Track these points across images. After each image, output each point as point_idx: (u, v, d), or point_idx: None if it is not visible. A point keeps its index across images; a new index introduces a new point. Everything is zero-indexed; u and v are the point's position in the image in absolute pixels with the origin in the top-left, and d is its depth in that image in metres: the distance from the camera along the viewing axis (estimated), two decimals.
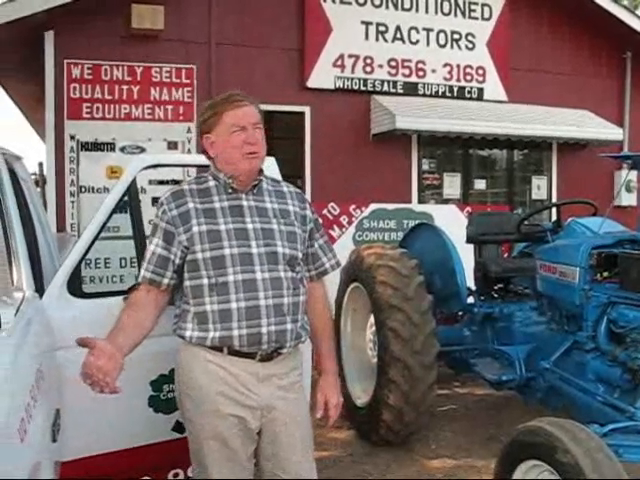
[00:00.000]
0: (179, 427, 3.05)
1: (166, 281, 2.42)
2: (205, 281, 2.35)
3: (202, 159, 2.63)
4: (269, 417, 2.42)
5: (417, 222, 6.24)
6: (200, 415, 2.40)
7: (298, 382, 2.57)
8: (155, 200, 7.36)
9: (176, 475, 3.12)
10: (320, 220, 2.74)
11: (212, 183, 2.48)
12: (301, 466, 2.50)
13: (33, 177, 8.90)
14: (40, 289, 2.73)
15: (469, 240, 5.52)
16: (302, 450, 2.51)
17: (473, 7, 9.07)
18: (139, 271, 3.04)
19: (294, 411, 2.49)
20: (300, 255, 2.50)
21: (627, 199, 9.03)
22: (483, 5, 9.10)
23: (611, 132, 9.18)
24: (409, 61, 8.72)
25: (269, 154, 3.44)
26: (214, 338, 2.34)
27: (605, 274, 3.91)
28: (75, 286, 2.83)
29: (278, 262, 2.40)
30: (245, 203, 2.45)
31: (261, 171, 2.52)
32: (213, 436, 2.38)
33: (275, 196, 2.53)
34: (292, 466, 2.47)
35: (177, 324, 2.47)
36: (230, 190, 2.44)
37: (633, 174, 7.95)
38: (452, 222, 6.56)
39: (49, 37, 7.19)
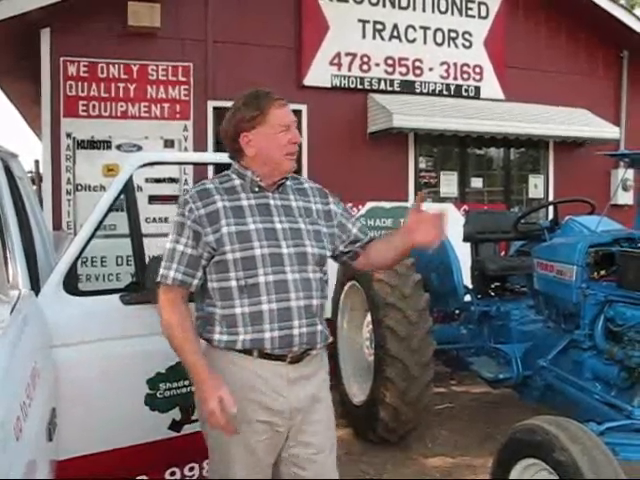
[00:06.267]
0: (175, 425, 3.05)
1: (195, 282, 2.35)
2: (234, 283, 2.29)
3: (198, 157, 2.64)
4: (298, 418, 2.37)
5: None
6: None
7: (326, 380, 2.53)
8: (152, 198, 7.40)
9: (173, 474, 3.11)
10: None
11: (237, 182, 2.41)
12: (324, 467, 2.46)
13: (29, 175, 8.88)
14: (36, 287, 2.73)
15: (466, 239, 5.52)
16: (326, 450, 2.47)
17: (470, 5, 9.05)
18: (137, 269, 3.02)
19: (322, 410, 2.46)
20: (328, 254, 2.46)
21: (624, 198, 9.02)
22: (480, 3, 9.08)
23: (608, 131, 9.17)
24: (406, 59, 8.70)
25: None
26: (245, 341, 2.28)
27: (602, 272, 3.92)
28: (71, 284, 2.83)
29: (307, 262, 2.36)
30: (272, 202, 2.40)
31: None
32: (238, 443, 2.31)
33: (299, 194, 2.49)
34: (315, 466, 2.43)
35: (203, 327, 2.39)
36: (257, 189, 2.39)
37: (630, 173, 7.95)
38: (449, 220, 6.55)
39: (45, 35, 7.15)
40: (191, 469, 3.15)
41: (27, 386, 1.89)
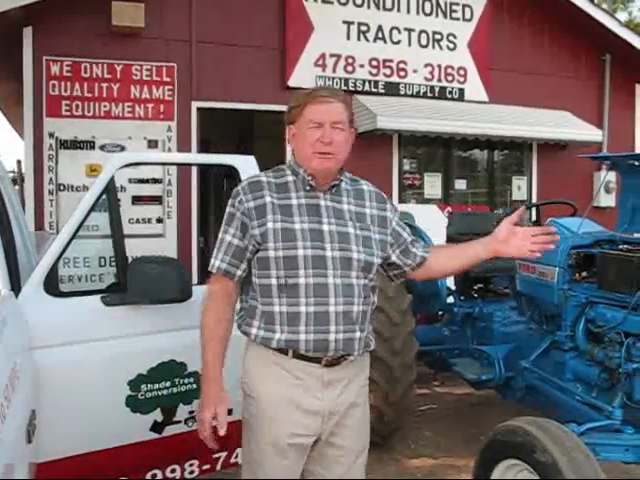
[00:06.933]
0: (157, 427, 3.03)
1: (239, 273, 2.32)
2: (274, 281, 2.25)
3: (181, 158, 2.60)
4: (332, 422, 2.33)
5: None
6: (260, 419, 2.31)
7: (365, 386, 2.49)
8: (135, 199, 7.37)
9: (154, 475, 3.09)
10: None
11: (290, 178, 2.36)
12: (349, 469, 2.41)
13: (11, 175, 8.80)
14: (16, 288, 2.70)
15: (449, 240, 5.54)
16: (354, 454, 2.43)
17: (454, 8, 9.10)
18: (118, 270, 2.99)
19: (357, 415, 2.41)
20: (377, 261, 2.37)
21: (606, 200, 9.09)
22: (464, 6, 9.13)
23: (590, 133, 9.24)
24: (390, 61, 8.73)
25: (248, 153, 3.45)
26: (280, 340, 2.25)
27: (583, 274, 3.95)
28: (52, 285, 2.80)
29: (351, 268, 2.29)
30: (322, 203, 2.33)
31: (341, 170, 2.40)
32: (270, 442, 2.29)
33: (353, 197, 2.41)
34: (340, 468, 2.39)
35: (243, 320, 2.37)
36: (308, 187, 2.33)
37: (612, 175, 8.01)
38: (433, 222, 6.57)
39: (27, 33, 7.12)
40: (172, 471, 3.13)
41: (5, 388, 1.87)
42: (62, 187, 7.32)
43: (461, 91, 9.13)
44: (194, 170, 7.75)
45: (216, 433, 2.27)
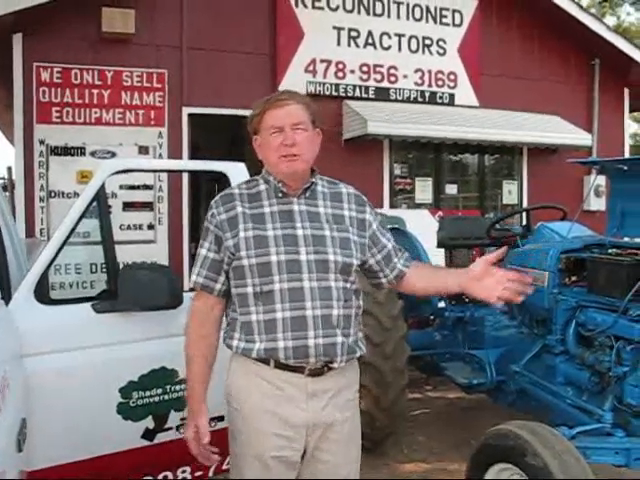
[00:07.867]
0: (148, 434, 3.03)
1: (218, 287, 2.30)
2: (250, 289, 2.23)
3: (172, 164, 2.59)
4: (316, 434, 2.27)
5: (389, 227, 6.25)
6: (245, 432, 2.27)
7: (354, 399, 2.43)
8: (126, 205, 7.37)
9: None
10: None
11: (263, 187, 2.35)
12: None
13: (1, 182, 8.78)
14: (7, 295, 2.70)
15: (440, 244, 5.55)
16: (344, 470, 2.38)
17: (444, 13, 9.14)
18: (109, 277, 2.98)
19: (345, 430, 2.35)
20: (356, 262, 2.32)
21: (596, 204, 9.13)
22: (454, 11, 9.18)
23: (580, 137, 9.30)
24: (381, 66, 8.76)
25: (239, 160, 3.45)
26: (259, 350, 2.21)
27: (574, 278, 3.96)
28: (42, 293, 2.80)
29: (329, 270, 2.24)
30: (296, 207, 2.30)
31: (313, 172, 2.38)
32: (252, 455, 2.25)
33: (330, 199, 2.38)
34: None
35: (226, 333, 2.34)
36: (280, 194, 2.30)
37: (601, 179, 8.05)
38: (424, 227, 6.58)
39: (17, 40, 7.11)
40: (165, 478, 3.13)
41: None
42: (53, 194, 7.30)
43: (451, 96, 9.17)
44: (185, 176, 7.75)
45: (204, 446, 2.27)
